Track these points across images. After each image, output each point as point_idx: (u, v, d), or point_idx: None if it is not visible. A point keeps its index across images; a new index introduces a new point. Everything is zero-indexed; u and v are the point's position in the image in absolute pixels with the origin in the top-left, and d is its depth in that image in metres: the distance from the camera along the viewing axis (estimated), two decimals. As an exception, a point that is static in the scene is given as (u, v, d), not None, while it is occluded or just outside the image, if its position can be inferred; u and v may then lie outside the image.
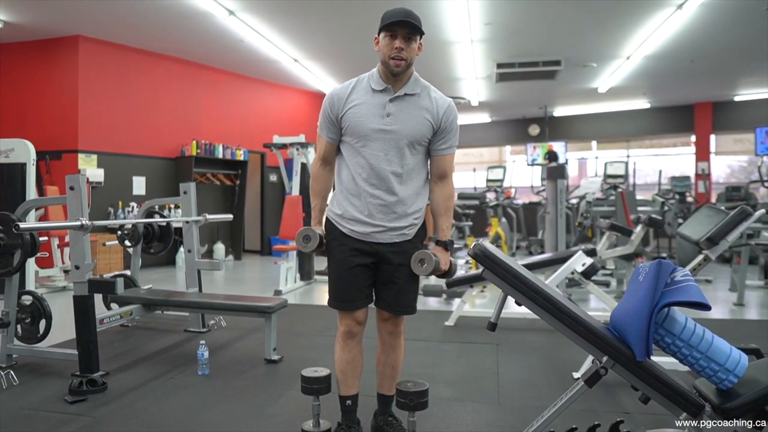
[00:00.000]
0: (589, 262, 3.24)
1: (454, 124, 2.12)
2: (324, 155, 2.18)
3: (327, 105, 2.10)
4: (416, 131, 2.04)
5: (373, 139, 2.03)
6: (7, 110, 7.55)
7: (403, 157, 2.05)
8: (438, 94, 2.11)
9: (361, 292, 2.11)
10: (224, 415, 2.52)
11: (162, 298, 3.60)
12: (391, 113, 2.03)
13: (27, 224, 2.77)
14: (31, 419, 2.47)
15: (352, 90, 2.08)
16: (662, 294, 1.61)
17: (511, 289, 1.71)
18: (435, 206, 2.15)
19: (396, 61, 1.98)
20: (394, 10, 2.00)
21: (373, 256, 2.10)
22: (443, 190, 2.14)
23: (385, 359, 2.20)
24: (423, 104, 2.06)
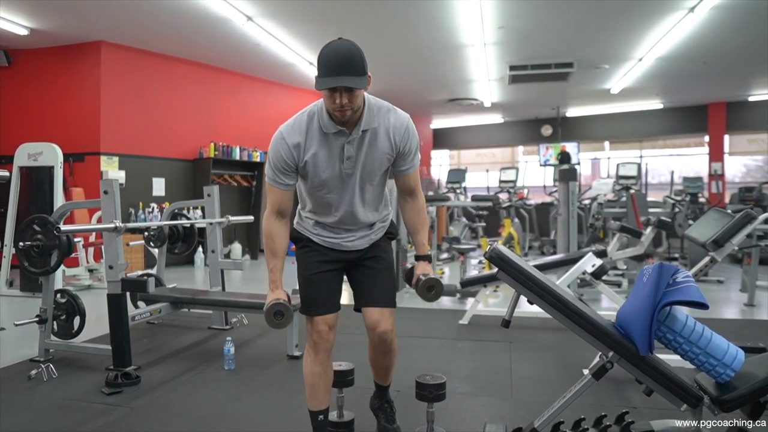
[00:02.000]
0: (599, 264, 3.35)
1: (413, 144, 2.00)
2: (280, 207, 1.98)
3: (283, 153, 1.90)
4: (377, 168, 1.98)
5: (333, 186, 1.97)
6: (33, 114, 7.78)
7: (364, 193, 2.01)
8: (393, 118, 1.95)
9: (330, 296, 2.07)
10: (251, 408, 2.68)
11: (189, 297, 3.78)
12: (350, 156, 1.92)
13: (66, 227, 2.94)
14: (71, 408, 2.64)
15: (307, 136, 1.90)
16: (664, 294, 1.73)
17: (523, 289, 1.84)
18: (409, 223, 2.12)
19: (341, 113, 1.81)
20: (329, 57, 1.75)
21: (343, 261, 2.09)
22: (414, 206, 2.11)
23: (378, 363, 2.20)
24: (381, 138, 1.93)
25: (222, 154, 8.61)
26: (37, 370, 3.05)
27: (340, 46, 1.77)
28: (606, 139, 13.69)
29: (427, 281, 2.01)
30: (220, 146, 8.62)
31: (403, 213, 2.15)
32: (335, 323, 2.05)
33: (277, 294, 1.92)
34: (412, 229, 2.12)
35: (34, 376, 3.03)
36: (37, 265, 3.22)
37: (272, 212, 1.99)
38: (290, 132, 1.91)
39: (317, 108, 1.91)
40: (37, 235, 3.19)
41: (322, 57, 1.77)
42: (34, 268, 3.23)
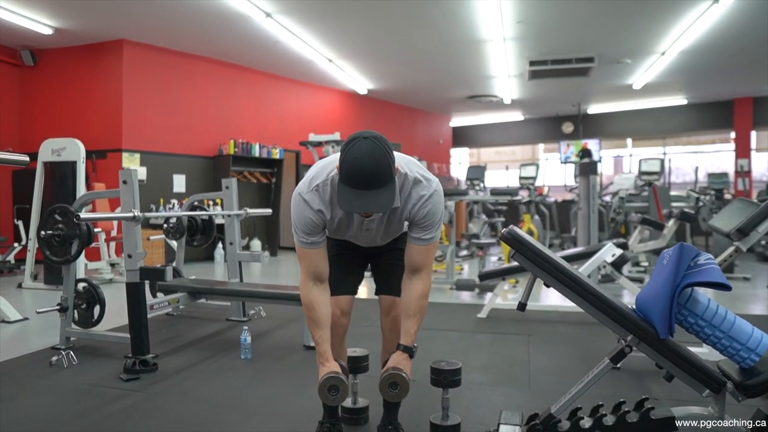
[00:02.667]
0: (619, 253, 3.29)
1: (432, 218, 1.85)
2: (316, 271, 1.89)
3: (310, 216, 1.82)
4: (398, 230, 2.00)
5: (354, 240, 2.03)
6: (57, 112, 7.93)
7: (386, 240, 2.05)
8: (417, 189, 1.83)
9: (348, 278, 2.05)
10: (267, 394, 2.68)
11: (207, 287, 3.80)
12: (370, 228, 1.93)
13: (86, 215, 2.97)
14: (91, 393, 2.67)
15: (331, 206, 1.84)
16: (684, 275, 1.69)
17: (539, 271, 1.80)
18: (405, 305, 1.92)
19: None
20: (353, 167, 1.62)
21: (364, 252, 2.10)
22: (415, 288, 1.91)
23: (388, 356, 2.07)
24: (401, 212, 1.88)
25: (242, 151, 8.67)
26: (57, 357, 3.10)
27: (364, 154, 1.61)
28: (628, 136, 13.50)
29: (392, 376, 1.79)
30: (240, 143, 8.68)
31: (404, 291, 1.95)
32: (350, 308, 2.04)
33: (329, 367, 1.80)
34: (406, 311, 1.91)
35: (55, 362, 3.07)
36: (58, 253, 3.26)
37: (308, 278, 1.89)
38: (314, 200, 1.82)
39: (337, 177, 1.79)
40: (58, 225, 3.24)
41: (345, 162, 1.64)
42: (55, 256, 3.27)
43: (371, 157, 1.62)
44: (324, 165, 1.87)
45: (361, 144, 1.64)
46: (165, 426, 2.28)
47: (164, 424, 2.30)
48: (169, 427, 2.28)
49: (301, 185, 1.86)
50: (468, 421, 2.29)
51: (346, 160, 1.64)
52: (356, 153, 1.63)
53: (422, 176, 1.85)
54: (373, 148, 1.63)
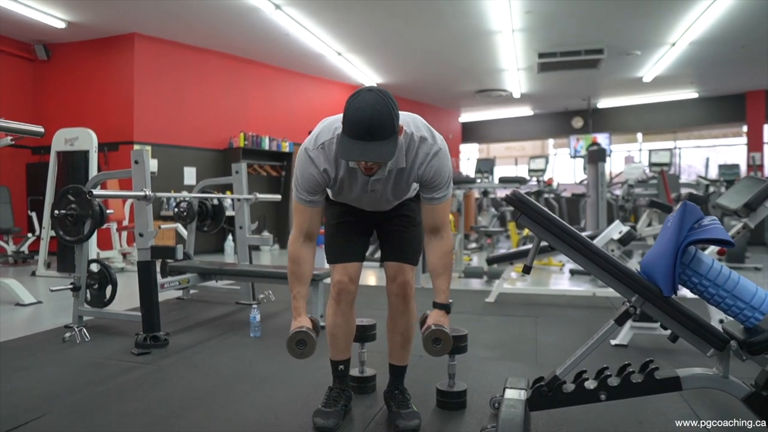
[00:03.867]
0: (626, 230, 3.29)
1: (440, 177, 1.85)
2: (308, 229, 1.90)
3: (314, 174, 1.83)
4: (403, 193, 1.96)
5: (359, 204, 1.99)
6: (70, 105, 8.03)
7: (392, 203, 2.02)
8: (423, 149, 1.83)
9: (354, 245, 2.04)
10: (276, 367, 2.71)
11: (216, 268, 3.84)
12: (375, 189, 1.89)
13: (98, 191, 3.02)
14: (103, 365, 2.72)
15: (336, 165, 1.84)
16: (687, 235, 1.70)
17: (544, 232, 1.82)
18: (431, 265, 1.95)
19: (367, 171, 1.75)
20: (355, 117, 1.63)
21: (371, 218, 2.09)
22: (439, 247, 1.94)
23: (394, 326, 2.07)
24: (407, 171, 1.86)
25: (251, 144, 8.74)
26: (70, 334, 3.15)
27: (367, 104, 1.62)
28: (639, 131, 13.42)
29: (435, 332, 1.82)
30: (250, 136, 8.74)
31: (427, 252, 1.98)
32: (357, 275, 2.04)
33: (300, 321, 1.83)
34: (434, 272, 1.94)
35: (68, 338, 3.13)
36: (71, 233, 3.32)
37: (299, 235, 1.91)
38: (319, 158, 1.82)
39: None
40: (72, 205, 3.30)
41: (348, 113, 1.65)
42: (68, 236, 3.33)
43: (374, 108, 1.62)
44: (330, 122, 1.88)
45: (365, 95, 1.65)
46: (175, 393, 2.32)
47: (175, 392, 2.34)
48: (179, 394, 2.32)
49: (307, 142, 1.87)
50: (474, 390, 2.31)
51: (349, 110, 1.65)
52: (359, 104, 1.63)
53: (428, 135, 1.85)
54: (377, 100, 1.63)
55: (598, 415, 2.07)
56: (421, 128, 1.87)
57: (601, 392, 1.79)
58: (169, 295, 4.48)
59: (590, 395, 1.80)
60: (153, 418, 2.06)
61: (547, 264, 6.57)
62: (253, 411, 2.13)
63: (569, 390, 1.82)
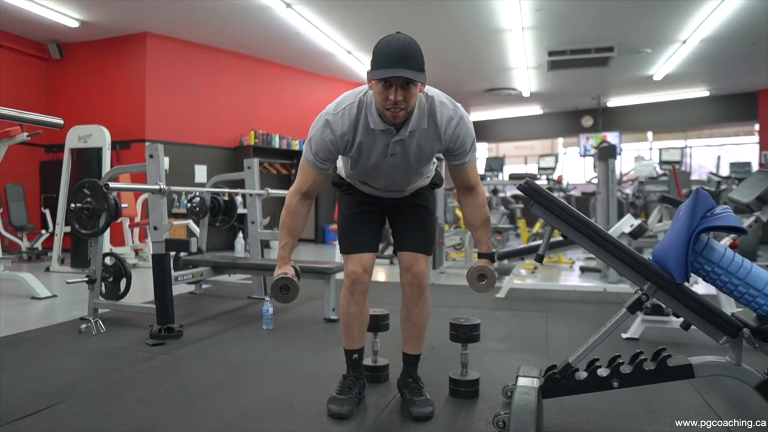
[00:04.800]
0: (637, 223, 3.29)
1: (466, 141, 1.89)
2: (308, 189, 1.94)
3: (329, 142, 1.85)
4: (424, 161, 1.95)
5: (375, 171, 1.96)
6: (83, 103, 8.11)
7: (409, 175, 2.00)
8: (445, 112, 1.86)
9: (368, 236, 2.06)
10: (289, 357, 2.74)
11: (229, 262, 3.88)
12: (395, 153, 1.87)
13: (114, 184, 3.07)
14: (119, 355, 2.76)
15: (356, 128, 1.85)
16: (700, 222, 1.71)
17: (557, 220, 1.83)
18: (470, 220, 2.03)
19: (393, 113, 1.74)
20: (386, 48, 1.68)
21: (384, 207, 2.11)
22: (474, 201, 2.00)
23: (408, 315, 2.09)
24: (430, 136, 1.87)
25: (262, 142, 8.80)
26: (86, 325, 3.20)
27: (399, 38, 1.70)
28: (649, 130, 13.35)
29: (480, 268, 1.93)
30: (260, 134, 8.80)
31: (462, 208, 2.05)
32: (371, 265, 2.06)
33: (284, 269, 1.89)
34: (472, 225, 2.02)
35: (84, 330, 3.17)
36: (87, 226, 3.37)
37: (299, 191, 1.93)
38: (338, 123, 1.83)
39: (366, 100, 1.83)
40: (87, 198, 3.34)
41: (378, 48, 1.70)
42: (84, 229, 3.38)
43: (404, 41, 1.70)
44: (354, 91, 1.91)
45: (396, 35, 1.74)
46: (191, 382, 2.36)
47: (190, 380, 2.37)
48: (194, 382, 2.35)
49: (329, 107, 1.89)
50: (486, 380, 2.32)
51: (380, 44, 1.72)
52: (390, 38, 1.72)
53: (448, 100, 1.90)
54: (407, 37, 1.73)
55: (610, 404, 2.08)
56: (440, 95, 1.91)
57: (614, 380, 1.81)
58: (182, 289, 4.53)
59: (603, 382, 1.81)
60: (169, 404, 2.09)
61: (557, 261, 6.57)
62: (268, 399, 2.16)
63: (582, 377, 1.84)
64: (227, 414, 2.00)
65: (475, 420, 1.97)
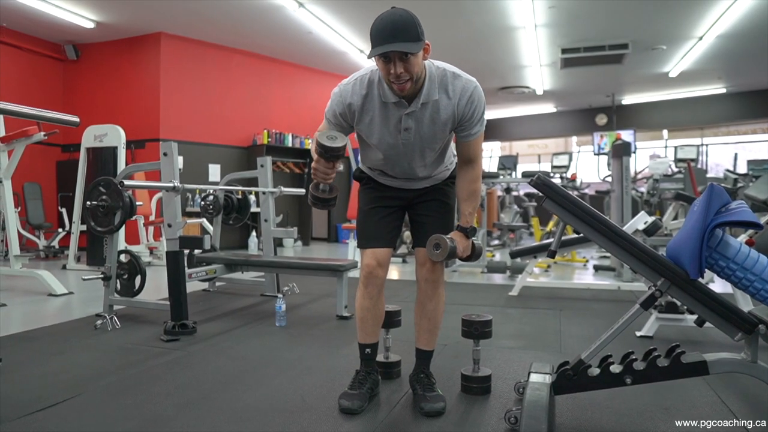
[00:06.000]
0: (651, 220, 3.26)
1: (478, 112, 1.89)
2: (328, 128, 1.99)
3: (337, 108, 1.92)
4: (438, 137, 1.94)
5: (390, 152, 1.97)
6: (98, 103, 8.21)
7: (424, 157, 1.99)
8: (459, 83, 1.86)
9: (384, 231, 2.07)
10: (301, 354, 2.75)
11: (242, 259, 3.90)
12: (409, 127, 1.88)
13: (129, 182, 3.10)
14: (133, 351, 2.79)
15: (365, 101, 1.88)
16: (714, 217, 1.69)
17: (569, 216, 1.82)
18: (458, 189, 2.01)
19: (399, 86, 1.76)
20: (380, 25, 1.71)
21: (402, 200, 2.11)
22: (468, 173, 1.99)
23: (422, 310, 2.09)
24: (443, 107, 1.87)
25: (275, 142, 8.84)
26: (101, 321, 3.24)
27: (392, 12, 1.72)
28: (664, 128, 13.21)
29: (434, 238, 1.89)
30: (273, 134, 8.84)
31: (457, 180, 2.04)
32: (386, 260, 2.07)
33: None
34: (461, 196, 2.01)
35: (99, 326, 3.21)
36: (103, 223, 3.40)
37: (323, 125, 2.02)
38: (347, 91, 1.89)
39: (379, 74, 1.84)
40: (103, 196, 3.38)
41: (373, 27, 1.72)
42: (99, 226, 3.42)
43: (395, 14, 1.71)
44: (370, 66, 1.94)
45: (388, 10, 1.76)
46: (204, 377, 2.37)
47: (203, 375, 2.39)
48: (208, 377, 2.37)
49: (344, 80, 1.95)
50: (498, 376, 2.32)
51: (374, 23, 1.74)
52: (382, 15, 1.74)
53: (461, 73, 1.90)
54: (400, 10, 1.74)
55: (623, 401, 2.07)
56: (454, 68, 1.92)
57: (627, 376, 1.80)
58: (196, 287, 4.57)
59: (616, 379, 1.80)
60: (183, 398, 2.11)
61: (571, 260, 6.53)
62: (280, 394, 2.17)
63: (594, 374, 1.83)
64: (239, 408, 2.01)
65: (487, 416, 1.96)
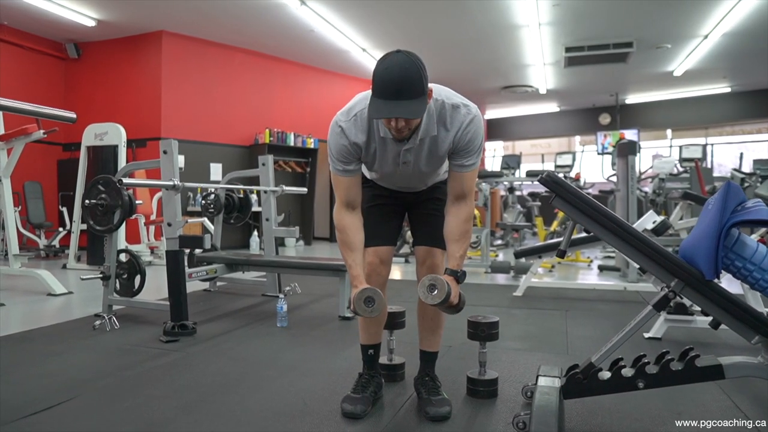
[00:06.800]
0: (659, 220, 3.20)
1: (475, 142, 1.82)
2: (349, 199, 1.86)
3: (345, 145, 1.81)
4: (437, 165, 1.90)
5: (391, 180, 1.97)
6: (99, 102, 8.17)
7: (424, 179, 1.98)
8: (457, 116, 1.79)
9: (385, 229, 2.02)
10: (303, 355, 2.70)
11: (243, 259, 3.85)
12: (407, 161, 1.84)
13: (128, 180, 3.05)
14: (132, 352, 2.74)
15: (368, 137, 1.81)
16: (731, 216, 1.63)
17: (579, 214, 1.77)
18: (448, 230, 1.88)
19: (398, 133, 1.72)
20: (384, 77, 1.61)
21: (402, 200, 2.07)
22: (460, 212, 1.87)
23: (424, 311, 2.04)
24: (441, 140, 1.81)
25: (277, 140, 8.79)
26: (100, 322, 3.18)
27: (397, 64, 1.61)
28: (668, 127, 13.13)
29: (432, 278, 1.72)
30: (276, 132, 8.79)
31: (447, 217, 1.90)
32: (389, 258, 2.02)
33: (362, 287, 1.74)
34: (449, 237, 1.87)
35: (98, 326, 3.16)
36: (102, 222, 3.35)
37: (342, 205, 1.87)
38: (351, 128, 1.80)
39: None
40: (102, 195, 3.33)
41: (377, 75, 1.63)
42: (98, 225, 3.37)
43: (402, 68, 1.61)
44: (364, 94, 1.84)
45: (394, 56, 1.64)
46: (204, 379, 2.32)
47: (203, 378, 2.34)
48: (208, 380, 2.31)
49: (340, 114, 1.85)
50: (505, 379, 2.26)
51: (378, 71, 1.64)
52: (388, 64, 1.63)
53: (461, 102, 1.83)
54: (405, 60, 1.63)
55: (634, 405, 2.01)
56: (453, 97, 1.84)
57: (639, 380, 1.74)
58: (197, 286, 4.52)
59: (628, 383, 1.74)
60: (181, 402, 2.06)
61: (575, 260, 6.47)
62: (281, 397, 2.11)
63: (605, 377, 1.77)
64: (239, 412, 1.96)
65: (494, 421, 1.91)
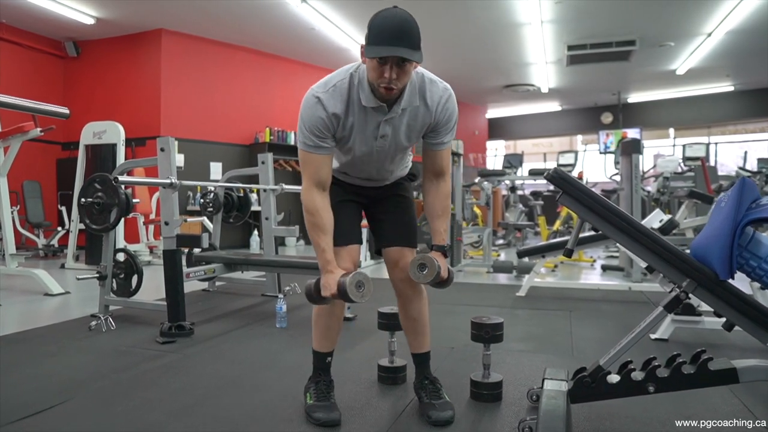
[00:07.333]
0: (666, 218, 3.15)
1: (452, 117, 1.81)
2: (319, 178, 1.74)
3: (322, 118, 1.70)
4: (412, 141, 1.85)
5: (362, 156, 1.83)
6: (99, 101, 8.12)
7: (393, 160, 1.90)
8: (436, 89, 1.77)
9: (353, 227, 1.93)
10: (303, 357, 2.62)
11: (242, 258, 3.80)
12: (385, 134, 1.77)
13: (124, 178, 3.00)
14: (128, 353, 2.68)
15: (348, 107, 1.72)
16: (745, 214, 1.57)
17: (586, 211, 1.71)
18: (430, 208, 1.89)
19: (387, 91, 1.63)
20: (383, 24, 1.58)
21: (363, 197, 1.98)
22: (439, 190, 1.88)
23: (406, 313, 1.98)
24: (420, 114, 1.77)
25: (277, 139, 8.74)
26: (96, 322, 3.13)
27: (396, 14, 1.60)
28: (671, 126, 13.07)
29: (420, 257, 1.73)
30: (276, 131, 8.75)
31: (425, 195, 1.90)
32: (358, 257, 1.94)
33: (336, 274, 1.69)
34: (432, 214, 1.88)
35: (94, 327, 3.11)
36: (98, 221, 3.30)
37: (311, 185, 1.74)
38: (330, 99, 1.70)
39: (358, 76, 1.71)
40: (98, 193, 3.27)
41: (375, 24, 1.59)
42: (95, 224, 3.31)
43: (401, 18, 1.60)
44: (344, 67, 1.79)
45: (391, 9, 1.63)
46: (201, 381, 2.27)
47: (200, 380, 2.29)
48: (204, 382, 2.26)
49: (316, 86, 1.75)
50: (509, 382, 2.20)
51: (375, 20, 1.61)
52: (386, 14, 1.61)
53: (437, 79, 1.81)
54: (404, 12, 1.62)
55: (643, 409, 1.95)
56: (428, 73, 1.81)
57: (650, 384, 1.68)
58: (195, 286, 4.46)
59: (637, 387, 1.69)
60: (177, 405, 2.00)
61: (578, 259, 6.41)
62: (279, 400, 2.06)
63: (614, 381, 1.71)
64: (236, 415, 1.91)
65: (499, 425, 1.85)
